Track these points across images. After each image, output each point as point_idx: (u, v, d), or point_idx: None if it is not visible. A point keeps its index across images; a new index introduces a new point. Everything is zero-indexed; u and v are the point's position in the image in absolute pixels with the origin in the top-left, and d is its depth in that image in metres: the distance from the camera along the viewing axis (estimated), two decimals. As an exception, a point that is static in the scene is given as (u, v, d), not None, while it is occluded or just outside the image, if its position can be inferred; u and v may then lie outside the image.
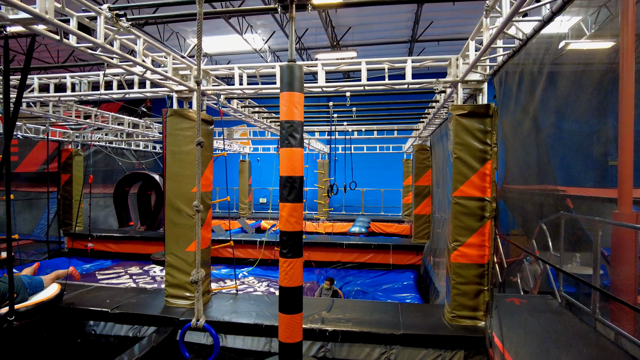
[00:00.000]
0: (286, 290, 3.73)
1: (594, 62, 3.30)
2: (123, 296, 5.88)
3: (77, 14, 3.68)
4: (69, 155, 12.53)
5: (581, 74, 3.13)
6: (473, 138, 4.65)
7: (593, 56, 2.99)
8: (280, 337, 3.81)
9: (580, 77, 2.98)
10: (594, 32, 4.82)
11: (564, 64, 3.54)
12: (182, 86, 5.33)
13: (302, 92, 3.57)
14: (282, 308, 3.77)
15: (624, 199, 3.58)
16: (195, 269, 2.91)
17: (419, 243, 10.66)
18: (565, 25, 2.96)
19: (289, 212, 3.71)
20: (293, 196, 3.67)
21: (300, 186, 3.73)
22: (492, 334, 4.29)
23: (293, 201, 3.69)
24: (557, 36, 3.23)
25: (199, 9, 2.48)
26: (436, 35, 13.56)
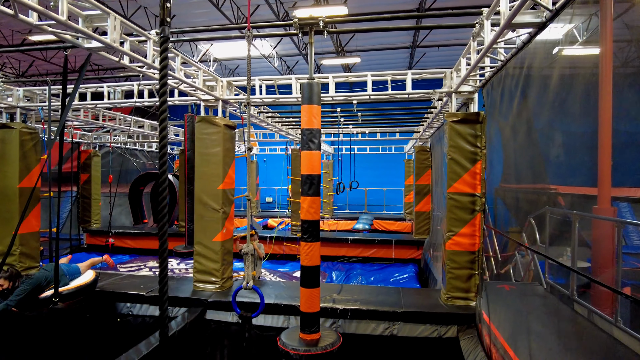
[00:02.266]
0: (307, 268, 4.47)
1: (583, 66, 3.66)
2: (154, 282, 6.57)
3: (129, 38, 4.40)
4: (88, 156, 13.25)
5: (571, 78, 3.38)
6: (465, 141, 5.35)
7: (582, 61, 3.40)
8: (301, 307, 4.52)
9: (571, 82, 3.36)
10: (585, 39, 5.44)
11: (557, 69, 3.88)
12: (209, 96, 6.05)
13: (320, 104, 4.30)
14: (304, 283, 4.49)
15: (603, 195, 4.19)
16: (246, 244, 3.64)
17: (419, 238, 11.34)
18: (560, 32, 3.39)
19: (309, 204, 4.43)
20: (312, 191, 4.39)
21: (318, 183, 4.45)
22: (482, 312, 4.98)
23: (312, 195, 4.42)
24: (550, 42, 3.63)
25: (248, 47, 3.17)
26: (437, 40, 14.25)
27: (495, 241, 5.51)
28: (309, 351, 4.18)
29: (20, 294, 4.99)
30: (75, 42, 3.76)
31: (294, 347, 4.24)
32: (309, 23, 4.10)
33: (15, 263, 6.81)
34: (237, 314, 4.09)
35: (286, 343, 4.33)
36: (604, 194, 4.43)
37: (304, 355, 4.16)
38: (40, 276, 5.24)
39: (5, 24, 13.50)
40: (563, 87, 3.28)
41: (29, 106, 7.16)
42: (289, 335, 4.58)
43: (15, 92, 7.08)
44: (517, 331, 4.26)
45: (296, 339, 4.45)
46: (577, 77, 3.39)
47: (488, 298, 4.93)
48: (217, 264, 6.05)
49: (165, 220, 1.77)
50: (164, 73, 1.66)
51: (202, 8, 11.87)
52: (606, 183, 4.36)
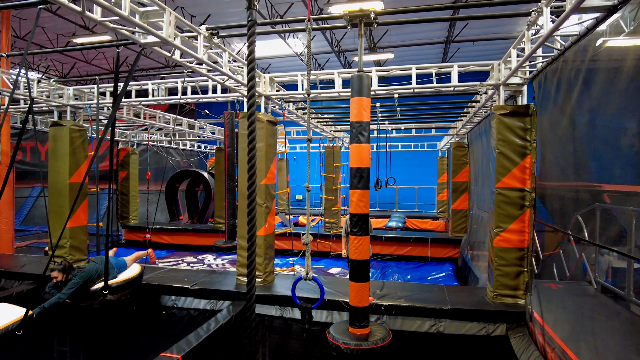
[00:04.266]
0: (356, 262, 4.42)
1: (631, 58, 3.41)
2: (197, 276, 6.70)
3: (180, 34, 4.48)
4: (126, 153, 13.66)
5: (618, 71, 3.17)
6: (514, 135, 5.20)
7: (630, 53, 3.19)
8: (351, 301, 4.49)
9: (618, 75, 3.16)
10: (632, 28, 5.19)
11: (602, 61, 3.55)
12: (252, 91, 6.10)
13: (369, 97, 4.27)
14: (353, 277, 4.46)
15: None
16: (306, 235, 3.67)
17: (456, 236, 11.14)
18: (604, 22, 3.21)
19: (359, 198, 4.40)
20: (362, 184, 4.36)
21: (368, 176, 4.41)
22: (532, 310, 4.83)
23: (362, 188, 4.39)
24: (594, 35, 3.42)
25: (308, 39, 3.17)
26: (471, 35, 13.95)
27: (536, 239, 5.34)
28: (360, 345, 4.14)
29: (73, 286, 5.17)
30: (132, 38, 3.86)
31: (345, 341, 4.21)
32: (359, 15, 4.06)
33: (65, 255, 7.09)
34: (296, 304, 4.13)
35: (336, 337, 4.30)
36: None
37: (354, 349, 4.12)
38: (91, 269, 5.42)
39: (51, 28, 14.07)
40: (622, 80, 3.13)
41: (78, 104, 7.42)
42: (337, 329, 4.56)
43: (66, 91, 7.36)
44: (575, 331, 4.10)
45: (346, 333, 4.42)
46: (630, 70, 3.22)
47: (540, 296, 4.78)
48: (260, 257, 6.10)
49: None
50: (252, 57, 1.66)
51: (236, 7, 12.03)
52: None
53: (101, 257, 5.48)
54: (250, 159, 1.72)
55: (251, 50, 1.65)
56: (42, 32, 13.99)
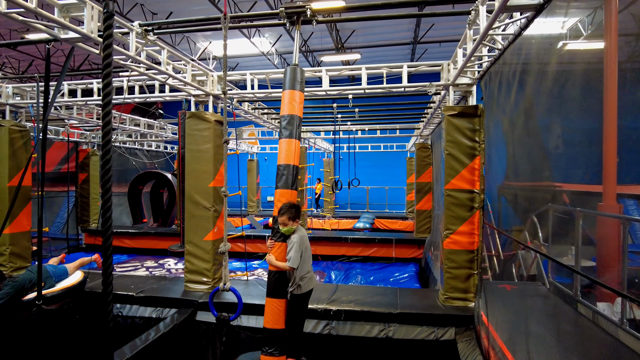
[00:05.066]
0: (273, 274, 3.83)
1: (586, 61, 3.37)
2: (145, 283, 6.43)
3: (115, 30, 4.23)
4: (86, 155, 13.14)
5: (573, 73, 3.14)
6: (463, 136, 5.15)
7: (587, 56, 3.18)
8: (265, 323, 3.85)
9: (573, 77, 3.10)
10: (590, 33, 5.23)
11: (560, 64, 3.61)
12: (199, 91, 5.89)
13: (303, 91, 4.08)
14: (270, 292, 3.82)
15: (609, 192, 3.97)
16: (223, 243, 3.46)
17: (420, 237, 11.13)
18: (564, 26, 3.19)
19: (278, 198, 3.99)
20: (283, 183, 3.96)
21: (293, 174, 3.97)
22: (481, 313, 4.78)
23: (283, 187, 3.97)
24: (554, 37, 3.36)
25: (224, 34, 3.00)
26: (438, 36, 14.03)
27: (497, 240, 5.31)
28: None
29: (3, 297, 4.86)
30: (51, 33, 3.61)
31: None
32: (296, 12, 3.91)
33: (5, 263, 6.70)
34: (214, 315, 3.82)
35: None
36: (609, 190, 4.20)
37: None
38: (24, 278, 5.11)
39: (2, 23, 13.42)
40: (566, 81, 3.09)
41: (18, 103, 7.03)
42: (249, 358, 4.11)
43: (5, 89, 6.95)
44: (516, 333, 4.06)
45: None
46: (580, 72, 3.20)
47: (487, 299, 4.73)
48: (209, 263, 5.89)
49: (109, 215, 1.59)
50: (109, 52, 1.48)
51: (198, 4, 11.72)
52: (612, 180, 4.14)
53: (36, 266, 5.17)
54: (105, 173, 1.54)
55: (108, 45, 1.47)
56: (-6, 27, 13.34)
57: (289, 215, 3.69)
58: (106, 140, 1.50)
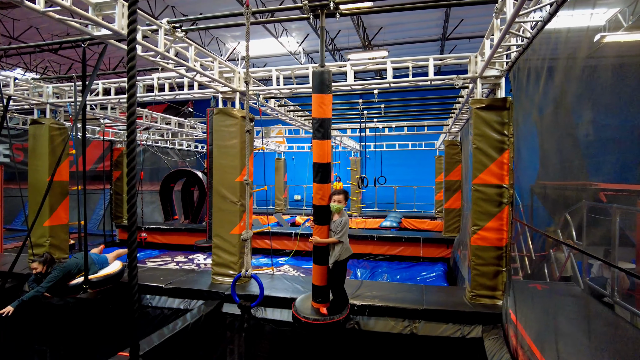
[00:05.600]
0: (316, 248, 4.58)
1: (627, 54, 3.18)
2: (174, 275, 6.61)
3: (141, 27, 4.38)
4: (120, 153, 13.63)
5: (611, 66, 2.94)
6: (491, 129, 5.02)
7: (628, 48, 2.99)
8: (313, 281, 4.67)
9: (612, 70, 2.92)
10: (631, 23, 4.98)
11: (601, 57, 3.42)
12: (226, 87, 6.00)
13: (330, 93, 4.22)
14: (315, 261, 4.63)
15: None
16: (245, 230, 3.53)
17: (449, 236, 10.93)
18: (602, 17, 3.06)
19: (316, 191, 4.44)
20: (319, 179, 4.39)
21: (327, 171, 4.43)
22: (509, 311, 4.65)
23: (319, 182, 4.41)
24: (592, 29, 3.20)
25: (247, 25, 3.05)
26: (467, 32, 13.73)
27: (529, 238, 5.15)
28: (318, 320, 4.44)
29: (51, 280, 5.14)
30: (85, 30, 3.77)
31: (306, 316, 4.48)
32: (320, 4, 3.93)
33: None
34: (236, 302, 4.06)
35: (300, 310, 4.59)
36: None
37: (313, 323, 4.44)
38: (71, 263, 5.41)
39: (45, 29, 14.12)
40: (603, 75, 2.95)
41: (57, 102, 7.37)
42: (303, 301, 4.83)
43: (45, 88, 7.31)
44: (545, 332, 3.92)
45: (309, 307, 4.68)
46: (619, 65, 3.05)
47: (516, 297, 4.60)
48: (235, 256, 5.99)
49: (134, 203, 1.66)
50: (133, 37, 1.53)
51: (228, 5, 11.94)
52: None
53: (82, 253, 5.45)
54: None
55: (132, 29, 1.52)
56: (37, 33, 14.04)
57: (344, 196, 4.53)
58: (131, 129, 1.55)
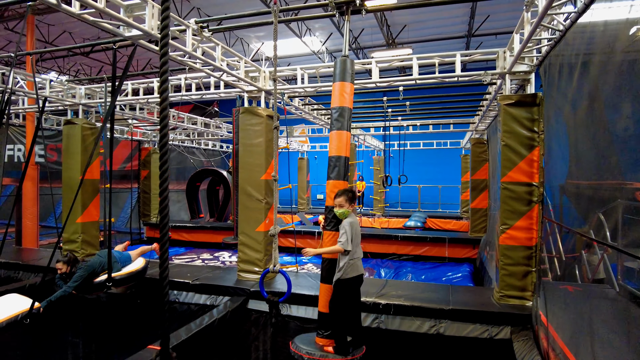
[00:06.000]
0: (327, 261, 4.14)
1: None
2: (200, 272, 6.73)
3: (170, 28, 4.47)
4: (148, 153, 13.98)
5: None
6: (520, 126, 4.90)
7: None
8: (320, 307, 4.10)
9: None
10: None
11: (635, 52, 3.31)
12: (252, 87, 6.08)
13: (352, 82, 4.11)
14: (324, 279, 4.09)
15: None
16: (273, 226, 3.56)
17: (475, 236, 10.72)
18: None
19: (331, 189, 4.16)
20: (335, 174, 4.13)
21: (344, 165, 4.13)
22: (540, 313, 4.52)
23: (335, 178, 4.14)
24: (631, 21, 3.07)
25: (275, 22, 3.08)
26: (493, 28, 13.45)
27: (559, 239, 5.00)
28: (324, 357, 3.73)
29: (77, 279, 5.29)
30: (116, 32, 3.88)
31: (309, 352, 3.79)
32: (346, 1, 3.93)
33: (77, 249, 7.29)
34: (264, 297, 3.98)
35: (300, 347, 3.91)
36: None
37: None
38: (95, 262, 5.55)
39: (78, 33, 14.62)
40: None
41: (89, 103, 7.62)
42: (303, 339, 4.17)
43: (78, 90, 7.57)
44: (579, 335, 3.79)
45: (312, 343, 4.01)
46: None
47: (547, 298, 4.47)
48: (260, 253, 6.05)
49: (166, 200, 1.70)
50: (166, 33, 1.57)
51: (253, 7, 12.07)
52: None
53: (106, 251, 5.60)
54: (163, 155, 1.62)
55: (165, 25, 1.56)
56: (70, 37, 14.54)
57: (345, 198, 3.90)
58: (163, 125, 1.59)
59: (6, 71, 6.82)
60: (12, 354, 5.33)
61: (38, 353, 5.76)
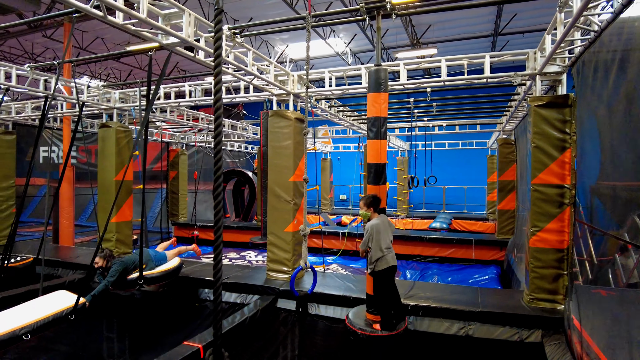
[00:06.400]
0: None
1: None
2: (231, 271, 6.89)
3: (203, 34, 4.63)
4: (176, 154, 14.33)
5: None
6: (552, 127, 4.85)
7: None
8: (367, 290, 4.70)
9: None
10: None
11: None
12: (280, 90, 6.20)
13: (387, 91, 4.21)
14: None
15: None
16: (303, 225, 3.68)
17: (502, 238, 10.57)
18: None
19: (368, 192, 4.45)
20: (373, 179, 4.41)
21: (382, 171, 4.44)
22: (572, 317, 4.46)
23: (372, 183, 4.45)
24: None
25: (308, 30, 3.17)
26: (520, 27, 13.21)
27: (590, 242, 4.92)
28: (374, 333, 4.33)
29: (113, 274, 5.52)
30: (155, 39, 4.05)
31: (362, 327, 4.41)
32: (376, 6, 3.98)
33: (112, 248, 7.57)
34: (295, 295, 4.37)
35: (354, 322, 4.53)
36: None
37: (371, 336, 4.30)
38: (129, 259, 5.77)
39: (109, 39, 15.12)
40: None
41: (123, 107, 7.91)
42: (355, 314, 4.76)
43: (113, 94, 7.87)
44: (616, 340, 3.73)
45: (363, 319, 4.61)
46: None
47: (580, 302, 4.40)
48: (289, 253, 6.17)
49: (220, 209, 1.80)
50: (219, 36, 1.67)
51: (276, 9, 12.24)
52: None
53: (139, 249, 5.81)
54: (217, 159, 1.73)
55: (218, 37, 1.66)
56: (102, 42, 15.06)
57: (364, 202, 4.41)
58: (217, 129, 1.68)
59: (48, 78, 7.16)
60: (56, 348, 5.60)
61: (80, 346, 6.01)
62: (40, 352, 5.33)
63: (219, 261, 1.73)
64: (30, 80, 6.73)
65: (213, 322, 1.79)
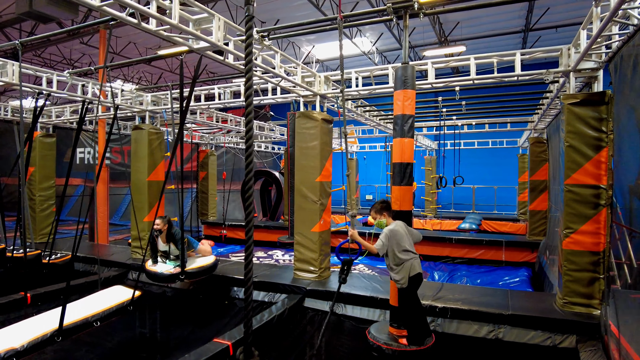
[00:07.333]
0: None
1: None
2: (258, 270, 7.00)
3: (232, 38, 4.72)
4: (205, 155, 14.65)
5: None
6: (586, 126, 4.69)
7: None
8: (391, 301, 4.56)
9: None
10: None
11: None
12: (307, 91, 6.25)
13: (414, 89, 4.16)
14: None
15: None
16: (351, 207, 3.76)
17: (534, 240, 10.28)
18: None
19: (392, 193, 4.47)
20: (399, 180, 4.34)
21: (408, 170, 4.35)
22: (609, 322, 4.31)
23: (399, 184, 4.39)
24: None
25: (340, 35, 3.19)
26: (553, 22, 12.79)
27: (629, 244, 4.73)
28: (401, 347, 4.08)
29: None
30: (186, 44, 4.17)
31: (387, 342, 4.16)
32: (403, 6, 3.97)
33: (145, 247, 7.81)
34: (339, 261, 4.53)
35: (377, 337, 4.28)
36: None
37: (397, 351, 4.04)
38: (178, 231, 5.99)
39: (141, 43, 15.61)
40: None
41: (155, 109, 8.15)
42: (378, 328, 4.53)
43: (145, 97, 8.13)
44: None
45: (386, 333, 4.36)
46: None
47: (618, 307, 4.24)
48: (315, 253, 6.21)
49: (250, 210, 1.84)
50: (250, 42, 1.70)
51: (303, 10, 12.31)
52: None
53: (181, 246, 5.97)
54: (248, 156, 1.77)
55: (249, 44, 1.71)
56: (134, 47, 15.55)
57: (375, 210, 4.38)
58: (249, 133, 1.72)
59: (85, 83, 7.47)
60: (100, 343, 5.88)
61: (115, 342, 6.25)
62: (77, 346, 5.60)
63: (250, 260, 1.76)
64: (69, 85, 7.04)
65: (244, 320, 1.83)
